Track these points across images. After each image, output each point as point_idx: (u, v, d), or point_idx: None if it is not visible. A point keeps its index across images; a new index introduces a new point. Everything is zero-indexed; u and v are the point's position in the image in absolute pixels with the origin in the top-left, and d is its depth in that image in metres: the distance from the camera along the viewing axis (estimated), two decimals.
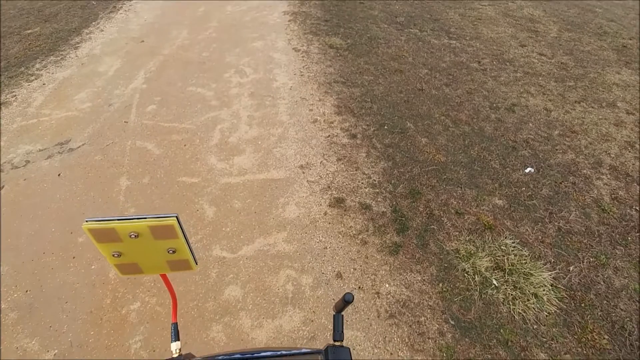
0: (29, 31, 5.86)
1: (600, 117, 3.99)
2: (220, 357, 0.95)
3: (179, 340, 1.01)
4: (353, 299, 0.91)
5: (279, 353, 0.93)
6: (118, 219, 0.78)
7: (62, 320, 2.27)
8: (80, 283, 2.44)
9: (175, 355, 0.98)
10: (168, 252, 0.86)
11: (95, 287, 2.43)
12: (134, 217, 0.79)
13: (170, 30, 6.02)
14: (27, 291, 2.41)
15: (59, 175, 3.25)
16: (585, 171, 3.28)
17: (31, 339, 2.17)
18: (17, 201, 3.01)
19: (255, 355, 0.93)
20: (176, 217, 0.80)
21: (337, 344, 0.92)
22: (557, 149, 3.53)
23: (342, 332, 0.95)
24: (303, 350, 0.94)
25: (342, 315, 0.97)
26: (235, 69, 4.88)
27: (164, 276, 0.98)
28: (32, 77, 4.62)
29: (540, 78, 4.71)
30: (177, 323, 1.03)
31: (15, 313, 2.30)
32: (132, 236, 0.80)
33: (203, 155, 3.46)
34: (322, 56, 5.20)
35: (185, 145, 3.58)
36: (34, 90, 4.38)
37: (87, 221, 0.78)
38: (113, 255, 0.84)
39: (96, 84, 4.53)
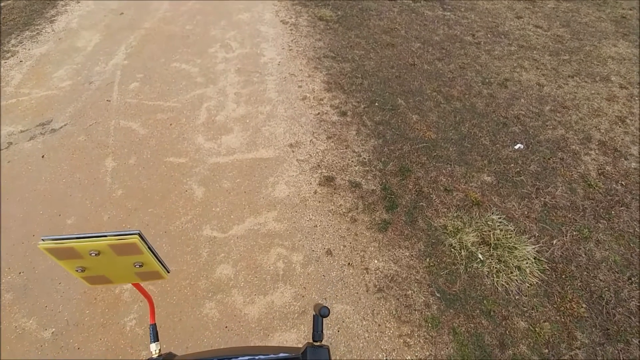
0: (2, 4, 5.78)
1: (592, 91, 4.15)
2: None
3: (158, 340, 1.05)
4: (329, 313, 1.00)
5: (256, 358, 0.98)
6: (76, 237, 0.78)
7: (56, 300, 2.42)
8: None
9: (155, 356, 1.01)
10: (135, 265, 0.86)
11: None
12: (93, 234, 0.78)
13: (151, 1, 5.99)
14: (20, 273, 2.55)
15: (42, 157, 3.34)
16: (574, 147, 3.46)
17: (28, 318, 2.33)
18: (2, 184, 3.10)
19: (233, 359, 0.98)
20: (138, 233, 0.79)
21: (317, 344, 0.98)
22: (547, 125, 3.69)
23: (322, 332, 1.00)
24: (281, 355, 0.97)
25: (322, 317, 1.02)
26: (221, 43, 4.92)
27: (136, 284, 0.99)
28: (8, 54, 4.62)
29: (534, 52, 4.83)
30: (155, 324, 1.06)
31: (11, 294, 2.44)
32: (93, 254, 0.80)
33: (190, 135, 3.57)
34: (312, 29, 5.25)
35: (171, 125, 3.67)
36: (11, 68, 4.40)
37: (43, 240, 0.77)
38: (77, 270, 0.84)
39: (75, 60, 4.56)
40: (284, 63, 4.55)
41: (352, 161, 3.31)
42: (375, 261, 2.61)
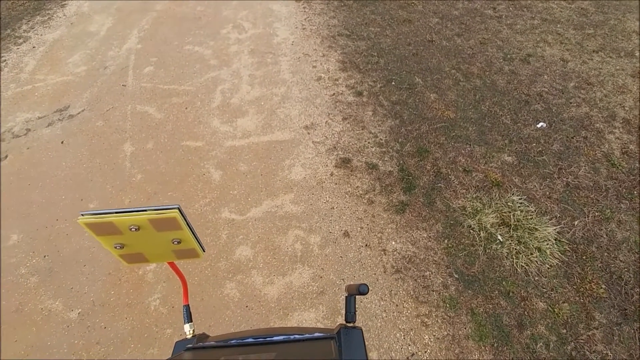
0: None
1: (617, 67, 4.07)
2: (233, 341, 0.99)
3: (191, 321, 1.10)
4: (368, 290, 0.99)
5: (291, 337, 0.97)
6: (116, 212, 0.79)
7: (82, 282, 2.55)
8: (97, 247, 2.71)
9: (189, 336, 1.06)
10: (173, 242, 0.88)
11: None
12: (133, 209, 0.80)
13: None
14: (45, 256, 2.69)
15: (62, 142, 3.46)
16: (598, 125, 3.42)
17: (54, 300, 2.47)
18: (23, 170, 3.23)
19: (268, 339, 0.98)
20: (178, 208, 0.81)
21: (350, 325, 1.00)
22: (571, 102, 3.65)
23: (354, 313, 1.02)
24: (316, 335, 0.97)
25: (355, 297, 1.03)
26: (233, 24, 4.94)
27: (171, 263, 1.02)
28: (21, 40, 4.73)
29: (558, 25, 4.73)
30: (188, 305, 1.11)
31: (36, 277, 2.58)
32: (133, 229, 0.81)
33: (205, 118, 3.64)
34: (325, 6, 5.22)
35: (186, 108, 3.75)
36: (24, 54, 4.51)
37: (82, 215, 0.78)
38: (115, 247, 0.86)
39: (88, 45, 4.64)
40: (298, 43, 4.56)
41: (369, 142, 3.35)
42: (393, 242, 2.67)
